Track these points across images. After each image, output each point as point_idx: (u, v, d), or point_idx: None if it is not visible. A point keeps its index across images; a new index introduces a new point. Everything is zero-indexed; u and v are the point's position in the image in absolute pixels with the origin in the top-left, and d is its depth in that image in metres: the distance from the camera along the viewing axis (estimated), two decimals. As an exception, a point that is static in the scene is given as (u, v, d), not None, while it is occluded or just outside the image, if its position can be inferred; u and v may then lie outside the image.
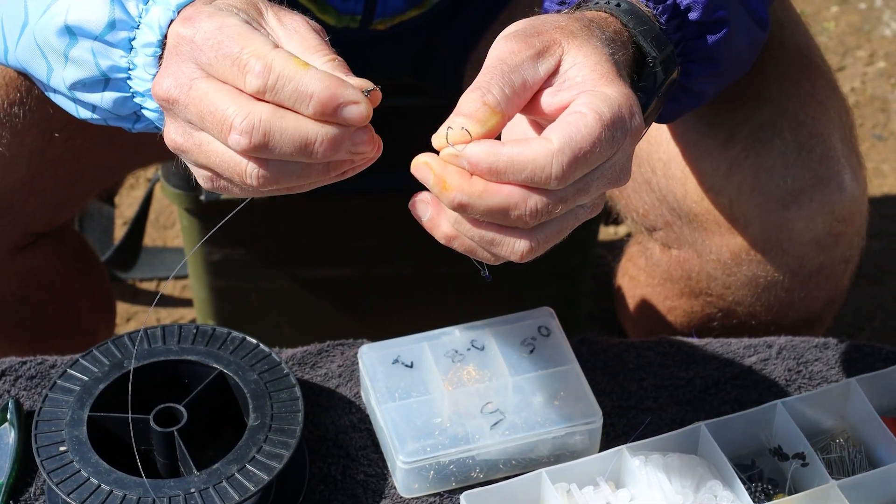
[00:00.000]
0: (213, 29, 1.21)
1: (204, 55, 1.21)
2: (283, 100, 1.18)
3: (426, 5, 1.83)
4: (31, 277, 1.83)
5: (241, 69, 1.19)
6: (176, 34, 1.24)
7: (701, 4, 1.39)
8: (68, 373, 1.56)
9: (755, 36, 1.49)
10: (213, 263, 2.24)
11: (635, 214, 1.79)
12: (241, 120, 1.18)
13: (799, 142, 1.65)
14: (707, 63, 1.43)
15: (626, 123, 1.22)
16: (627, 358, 1.70)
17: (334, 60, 1.22)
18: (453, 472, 1.56)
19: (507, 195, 1.20)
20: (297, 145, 1.19)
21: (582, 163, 1.20)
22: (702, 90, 1.46)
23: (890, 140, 3.02)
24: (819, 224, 1.67)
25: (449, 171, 1.20)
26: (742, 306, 1.77)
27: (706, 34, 1.41)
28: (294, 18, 1.25)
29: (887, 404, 1.62)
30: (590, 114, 1.20)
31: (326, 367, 1.68)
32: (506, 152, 1.19)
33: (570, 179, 1.20)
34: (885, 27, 3.26)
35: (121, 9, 1.32)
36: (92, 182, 1.82)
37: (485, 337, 1.63)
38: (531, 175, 1.19)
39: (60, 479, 1.47)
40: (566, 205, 1.22)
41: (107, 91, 1.36)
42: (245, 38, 1.21)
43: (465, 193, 1.20)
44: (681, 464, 1.51)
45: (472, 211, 1.21)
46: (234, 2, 1.25)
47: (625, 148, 1.23)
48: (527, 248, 1.23)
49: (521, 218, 1.21)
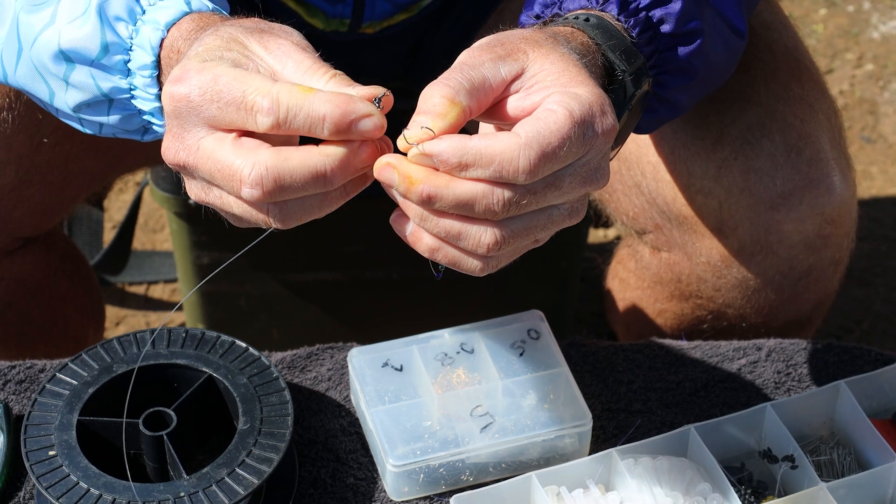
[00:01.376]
0: (207, 82, 1.20)
1: (206, 110, 1.20)
2: (298, 129, 1.18)
3: (415, 9, 1.83)
4: (19, 282, 1.83)
5: (250, 111, 1.19)
6: (171, 96, 1.22)
7: (674, 16, 1.39)
8: (57, 377, 1.56)
9: (732, 45, 1.48)
10: (203, 268, 2.23)
11: (625, 217, 1.79)
12: (249, 172, 1.18)
13: (788, 144, 1.65)
14: (682, 74, 1.42)
15: (597, 121, 1.21)
16: (617, 361, 1.70)
17: (335, 76, 1.22)
18: (443, 475, 1.56)
19: (474, 183, 1.19)
20: (309, 180, 1.19)
21: (550, 158, 1.19)
22: (678, 100, 1.45)
23: (878, 142, 3.03)
24: (809, 226, 1.67)
25: (413, 167, 1.20)
26: (732, 308, 1.78)
27: (679, 45, 1.41)
28: (279, 42, 1.24)
29: (876, 406, 1.63)
30: (560, 110, 1.20)
31: (316, 371, 1.68)
32: (473, 145, 1.18)
33: (538, 174, 1.19)
34: (874, 30, 3.26)
35: (111, 31, 1.33)
36: (80, 187, 1.82)
37: (474, 340, 1.63)
38: (499, 168, 1.18)
39: (50, 484, 1.47)
40: (536, 198, 1.21)
41: (112, 110, 1.37)
42: (243, 80, 1.20)
43: (432, 185, 1.19)
44: (670, 466, 1.51)
45: (440, 202, 1.19)
46: (216, 44, 1.24)
47: (598, 147, 1.23)
48: (493, 238, 1.21)
49: (489, 208, 1.19)
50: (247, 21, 1.29)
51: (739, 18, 1.46)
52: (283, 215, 1.22)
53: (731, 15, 1.46)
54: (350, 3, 1.78)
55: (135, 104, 1.36)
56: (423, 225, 1.22)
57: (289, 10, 1.80)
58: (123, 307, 2.70)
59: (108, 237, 2.68)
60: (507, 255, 1.25)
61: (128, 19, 1.33)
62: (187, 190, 1.28)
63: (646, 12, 1.37)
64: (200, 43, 1.25)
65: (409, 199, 1.21)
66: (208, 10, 1.34)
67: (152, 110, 1.34)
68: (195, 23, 1.31)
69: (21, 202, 1.73)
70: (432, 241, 1.24)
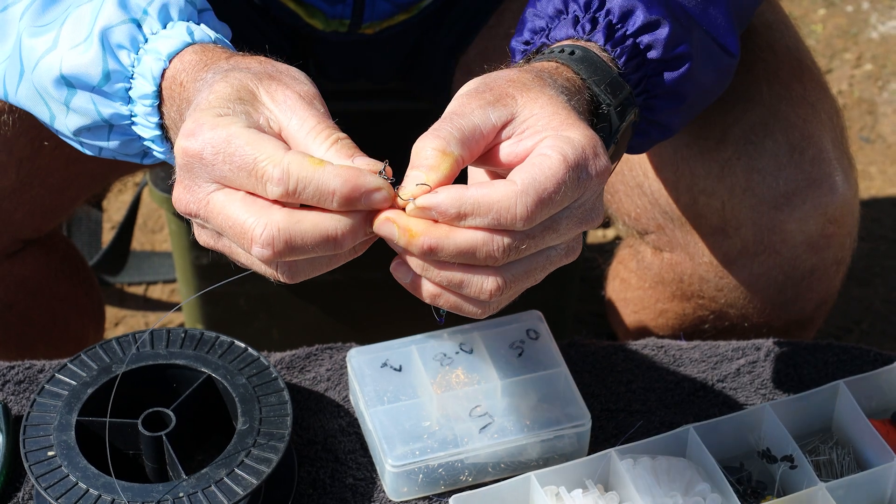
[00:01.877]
0: (220, 142, 1.20)
1: (217, 169, 1.21)
2: (307, 200, 1.19)
3: (414, 10, 1.83)
4: (19, 284, 1.83)
5: (260, 178, 1.19)
6: (183, 151, 1.22)
7: (661, 42, 1.39)
8: (56, 377, 1.56)
9: (723, 65, 1.47)
10: (202, 268, 2.23)
11: (627, 218, 1.79)
12: (261, 232, 1.19)
13: (791, 143, 1.65)
14: (671, 98, 1.42)
15: (590, 164, 1.22)
16: (616, 361, 1.70)
17: (338, 143, 1.22)
18: (442, 475, 1.56)
19: (474, 232, 1.20)
20: (319, 243, 1.20)
21: (547, 204, 1.20)
22: (669, 123, 1.45)
23: (877, 142, 3.03)
24: (811, 226, 1.67)
25: (412, 220, 1.21)
26: (734, 308, 1.78)
27: (667, 71, 1.41)
28: (286, 94, 1.24)
29: (875, 406, 1.63)
30: (554, 155, 1.21)
31: (315, 371, 1.68)
32: (471, 195, 1.20)
33: (535, 220, 1.20)
34: (873, 30, 3.26)
35: (113, 59, 1.34)
36: (80, 189, 1.82)
37: (473, 340, 1.63)
38: (497, 216, 1.19)
39: (49, 484, 1.47)
40: (534, 242, 1.22)
41: (112, 135, 1.39)
42: (255, 146, 1.20)
43: (433, 236, 1.20)
44: (669, 466, 1.51)
45: (441, 252, 1.20)
46: (227, 93, 1.24)
47: (592, 188, 1.24)
48: (495, 285, 1.22)
49: (490, 255, 1.20)
50: (255, 63, 1.29)
51: (730, 38, 1.46)
52: (292, 273, 1.23)
53: (722, 35, 1.45)
54: (350, 4, 1.78)
55: (135, 130, 1.37)
56: (425, 275, 1.24)
57: (289, 10, 1.80)
58: (122, 308, 2.70)
59: (107, 238, 2.68)
60: (508, 298, 1.26)
61: (130, 48, 1.34)
62: (196, 236, 1.29)
63: (633, 39, 1.38)
64: (211, 90, 1.25)
65: (411, 251, 1.22)
66: (210, 41, 1.34)
67: (152, 138, 1.35)
68: (198, 55, 1.32)
69: (22, 204, 1.73)
70: (434, 289, 1.25)
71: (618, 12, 1.38)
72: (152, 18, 1.35)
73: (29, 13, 1.38)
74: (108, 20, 1.35)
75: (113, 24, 1.34)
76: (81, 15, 1.36)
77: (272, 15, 1.82)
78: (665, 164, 1.70)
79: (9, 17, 1.41)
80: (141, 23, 1.35)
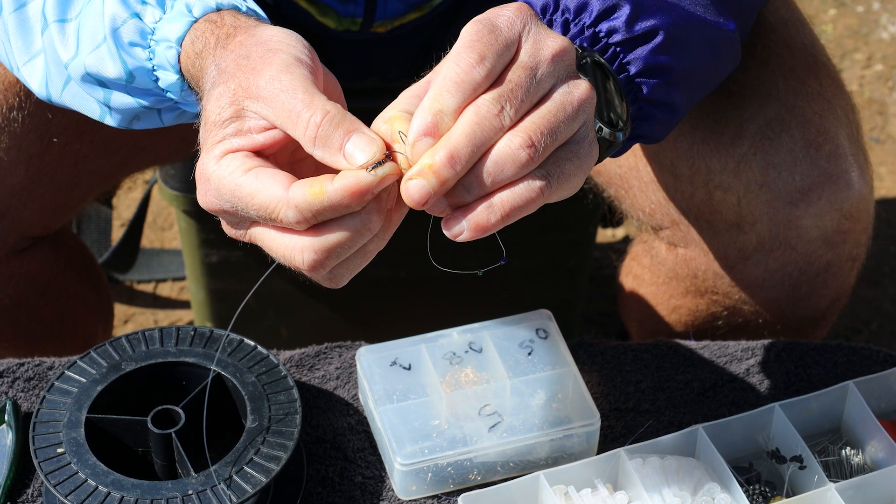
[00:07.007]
0: (231, 197, 1.24)
1: (244, 213, 1.25)
2: (330, 218, 1.23)
3: (426, 8, 1.83)
4: (27, 281, 1.83)
5: (282, 221, 1.23)
6: (205, 205, 1.28)
7: (622, 23, 1.36)
8: (66, 374, 1.56)
9: (718, 36, 1.43)
10: (211, 265, 2.24)
11: (641, 214, 1.79)
12: (301, 259, 1.24)
13: (807, 139, 1.65)
14: (657, 72, 1.39)
15: (498, 17, 1.25)
16: (625, 360, 1.70)
17: (328, 113, 1.23)
18: (451, 474, 1.56)
19: (462, 115, 1.22)
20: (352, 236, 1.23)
21: (476, 47, 1.23)
22: (668, 99, 1.39)
23: (887, 143, 3.03)
24: (827, 221, 1.67)
25: (418, 162, 1.21)
26: (748, 305, 1.77)
27: (640, 46, 1.38)
28: (259, 107, 1.25)
29: (884, 407, 1.62)
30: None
31: (324, 369, 1.68)
32: (430, 92, 1.23)
33: (487, 59, 1.22)
34: (883, 30, 3.26)
35: (131, 57, 1.37)
36: (90, 186, 1.83)
37: (483, 339, 1.63)
38: (458, 82, 1.22)
39: (58, 481, 1.47)
40: (525, 83, 1.23)
41: (164, 116, 1.43)
42: (262, 195, 1.23)
43: (441, 149, 1.21)
44: (678, 466, 1.51)
45: (460, 153, 1.20)
46: (224, 116, 1.26)
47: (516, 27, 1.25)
48: (521, 139, 1.22)
49: (489, 114, 1.22)
50: (231, 63, 1.28)
51: (715, 11, 1.42)
52: (334, 278, 1.28)
53: (702, 10, 1.42)
54: (362, 3, 1.78)
55: (182, 107, 1.40)
56: (468, 199, 1.23)
57: (301, 9, 1.80)
58: (132, 305, 2.70)
59: (117, 235, 2.68)
60: (546, 150, 1.23)
61: (141, 42, 1.35)
62: (224, 228, 1.32)
63: (592, 29, 1.37)
64: (209, 98, 1.27)
65: (443, 177, 1.21)
66: (213, 9, 1.35)
67: (200, 109, 1.36)
68: (208, 31, 1.33)
69: (31, 202, 1.73)
70: (486, 207, 1.23)
71: (573, 9, 1.37)
72: (151, 6, 1.36)
73: (50, 6, 1.40)
74: (114, 19, 1.36)
75: (119, 24, 1.36)
76: (93, 14, 1.37)
77: (284, 13, 1.82)
78: (680, 159, 1.69)
79: (29, 13, 1.42)
80: (142, 15, 1.35)
